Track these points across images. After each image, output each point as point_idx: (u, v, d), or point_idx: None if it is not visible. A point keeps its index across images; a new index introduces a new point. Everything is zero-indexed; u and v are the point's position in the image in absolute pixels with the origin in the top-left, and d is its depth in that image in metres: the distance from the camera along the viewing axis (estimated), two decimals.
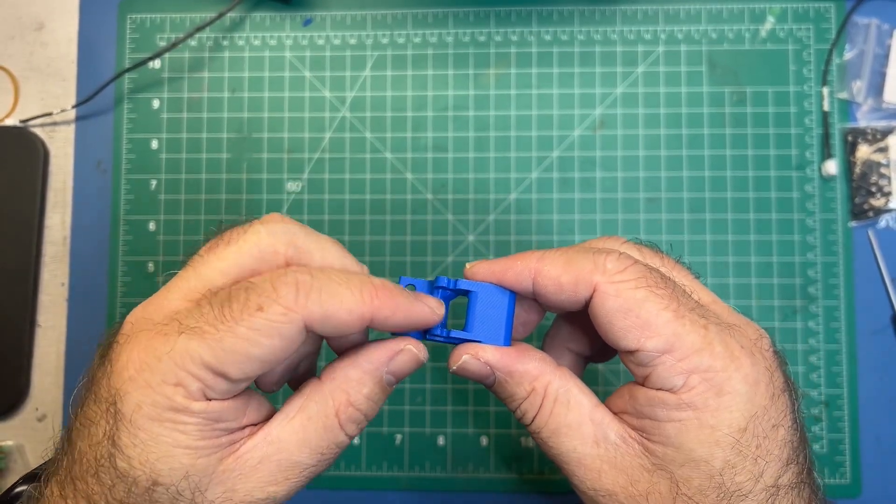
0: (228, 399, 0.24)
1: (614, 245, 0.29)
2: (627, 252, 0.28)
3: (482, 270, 0.29)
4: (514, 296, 0.29)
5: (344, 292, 0.24)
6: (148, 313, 0.25)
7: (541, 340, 0.33)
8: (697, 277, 0.29)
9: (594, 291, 0.26)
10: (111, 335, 0.26)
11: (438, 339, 0.28)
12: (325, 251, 0.27)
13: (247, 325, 0.23)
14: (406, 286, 0.29)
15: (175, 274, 0.26)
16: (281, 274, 0.24)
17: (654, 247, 0.30)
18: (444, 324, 0.28)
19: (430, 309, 0.27)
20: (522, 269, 0.28)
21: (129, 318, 0.26)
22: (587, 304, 0.27)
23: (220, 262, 0.26)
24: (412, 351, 0.27)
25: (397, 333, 0.28)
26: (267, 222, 0.27)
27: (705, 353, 0.25)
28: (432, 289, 0.29)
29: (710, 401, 0.25)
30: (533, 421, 0.28)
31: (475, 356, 0.28)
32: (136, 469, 0.23)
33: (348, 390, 0.26)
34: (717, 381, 0.25)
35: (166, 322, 0.24)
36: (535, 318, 0.31)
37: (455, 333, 0.28)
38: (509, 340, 0.29)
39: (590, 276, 0.26)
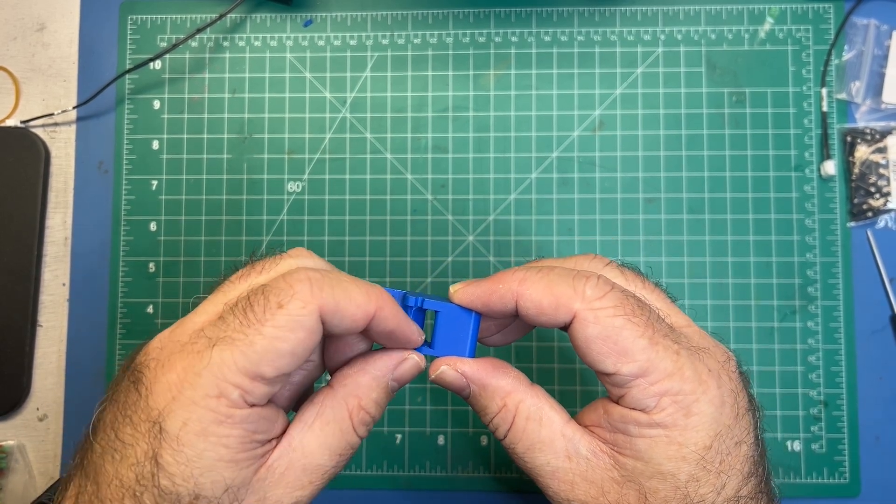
0: (264, 406, 0.26)
1: (596, 267, 0.30)
2: (609, 275, 0.29)
3: (467, 295, 0.30)
4: (479, 316, 0.31)
5: (352, 288, 0.26)
6: (175, 336, 0.26)
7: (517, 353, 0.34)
8: (674, 301, 0.31)
9: (574, 317, 0.27)
10: (135, 360, 0.27)
11: None
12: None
13: (272, 323, 0.24)
14: None
15: (204, 298, 0.28)
16: (294, 271, 0.26)
17: (635, 269, 0.31)
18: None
19: (416, 331, 0.30)
20: (505, 293, 0.29)
21: (154, 343, 0.27)
22: (567, 325, 0.28)
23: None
24: (415, 359, 0.30)
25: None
26: (297, 256, 0.29)
27: (676, 377, 0.27)
28: (404, 305, 0.30)
29: (679, 421, 0.27)
30: (506, 436, 0.29)
31: (453, 367, 0.30)
32: (179, 485, 0.24)
33: (360, 395, 0.28)
34: (686, 403, 0.27)
35: (194, 340, 0.25)
36: (524, 326, 0.33)
37: (420, 349, 0.30)
38: (473, 356, 0.31)
39: (569, 302, 0.28)
